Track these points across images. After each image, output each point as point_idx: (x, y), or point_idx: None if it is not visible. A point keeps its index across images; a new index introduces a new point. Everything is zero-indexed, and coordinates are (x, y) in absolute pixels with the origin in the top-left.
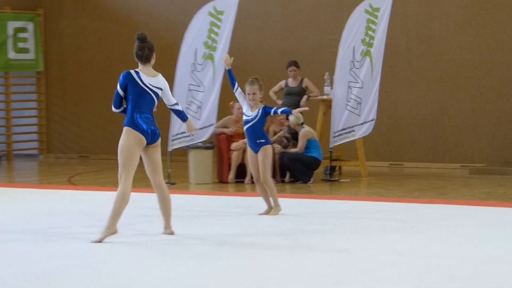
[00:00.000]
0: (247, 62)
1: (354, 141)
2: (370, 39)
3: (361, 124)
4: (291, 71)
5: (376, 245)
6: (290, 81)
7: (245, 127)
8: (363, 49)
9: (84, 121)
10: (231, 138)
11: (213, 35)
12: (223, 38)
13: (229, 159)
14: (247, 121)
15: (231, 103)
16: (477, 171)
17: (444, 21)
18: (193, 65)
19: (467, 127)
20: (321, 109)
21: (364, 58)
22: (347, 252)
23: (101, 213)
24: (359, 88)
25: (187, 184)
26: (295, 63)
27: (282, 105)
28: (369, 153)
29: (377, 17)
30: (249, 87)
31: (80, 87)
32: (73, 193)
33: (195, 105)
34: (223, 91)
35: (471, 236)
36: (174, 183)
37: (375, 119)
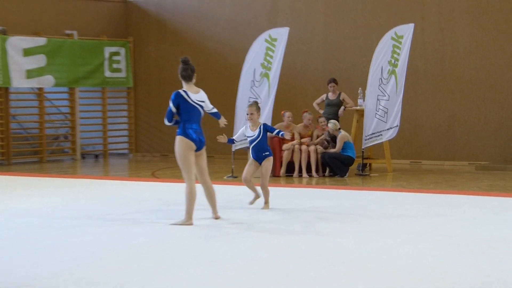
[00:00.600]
0: (295, 79)
1: (381, 143)
2: (395, 61)
3: (387, 129)
4: (331, 87)
5: (398, 227)
6: (330, 94)
7: (251, 145)
8: (389, 69)
9: (164, 126)
10: (282, 140)
11: (268, 58)
12: (276, 60)
13: (281, 157)
14: (252, 140)
15: (282, 112)
16: (482, 167)
17: (455, 46)
18: (252, 81)
19: (474, 131)
20: (355, 117)
21: (390, 76)
22: (375, 232)
23: (178, 200)
24: (386, 100)
25: None
26: (334, 80)
27: (323, 114)
28: (393, 152)
29: (401, 43)
30: (248, 109)
31: (161, 99)
32: (156, 184)
33: None
34: (275, 103)
35: (476, 220)
36: (236, 177)
37: (399, 125)
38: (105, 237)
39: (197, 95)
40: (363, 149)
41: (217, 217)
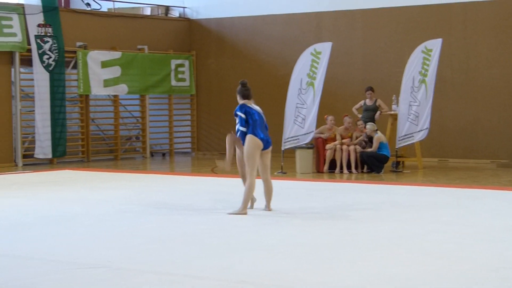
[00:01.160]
0: (337, 87)
1: (413, 143)
2: (425, 71)
3: (418, 131)
4: (368, 94)
5: (427, 217)
6: (367, 101)
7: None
8: (420, 78)
9: (223, 128)
10: (325, 141)
11: (313, 69)
12: (320, 70)
13: (324, 155)
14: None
15: (325, 116)
16: (502, 165)
17: (478, 58)
18: (299, 89)
19: (495, 133)
20: (390, 121)
21: (420, 84)
22: (406, 221)
23: (235, 193)
24: (417, 106)
25: (294, 173)
26: (371, 88)
27: (361, 118)
28: (424, 151)
29: (430, 55)
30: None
31: (220, 105)
32: (215, 179)
33: (300, 118)
34: (320, 108)
35: (496, 211)
36: (285, 173)
37: (428, 127)
38: (170, 225)
39: (257, 107)
40: (397, 149)
41: (269, 209)
